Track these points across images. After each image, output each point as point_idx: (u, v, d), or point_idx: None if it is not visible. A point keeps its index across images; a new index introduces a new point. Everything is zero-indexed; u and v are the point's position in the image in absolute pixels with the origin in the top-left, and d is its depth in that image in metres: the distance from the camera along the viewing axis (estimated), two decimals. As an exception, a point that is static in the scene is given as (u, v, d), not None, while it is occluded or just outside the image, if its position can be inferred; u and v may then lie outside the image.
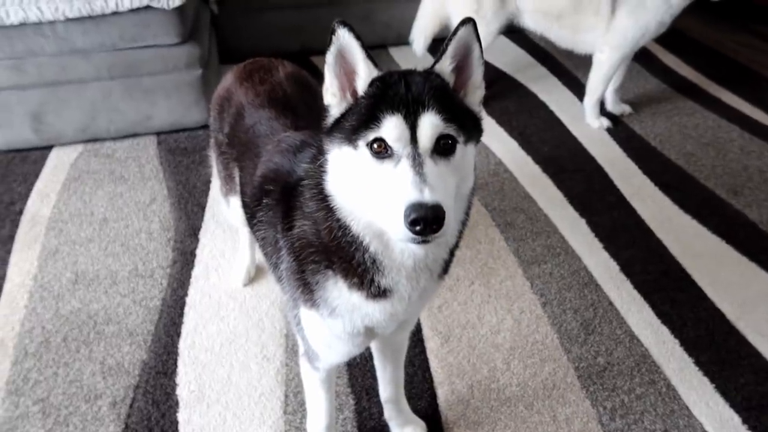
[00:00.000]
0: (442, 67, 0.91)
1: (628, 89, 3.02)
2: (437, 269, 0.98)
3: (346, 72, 0.92)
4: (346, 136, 0.87)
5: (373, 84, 0.89)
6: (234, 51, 3.31)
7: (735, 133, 2.64)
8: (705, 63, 3.32)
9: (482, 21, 2.57)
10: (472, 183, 0.94)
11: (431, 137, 0.83)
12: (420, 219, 0.77)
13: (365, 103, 0.88)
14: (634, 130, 2.69)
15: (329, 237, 0.92)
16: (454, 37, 0.89)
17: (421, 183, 0.79)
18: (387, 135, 0.83)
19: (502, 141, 2.61)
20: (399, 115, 0.83)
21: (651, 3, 2.34)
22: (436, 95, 0.85)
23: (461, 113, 0.89)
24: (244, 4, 3.21)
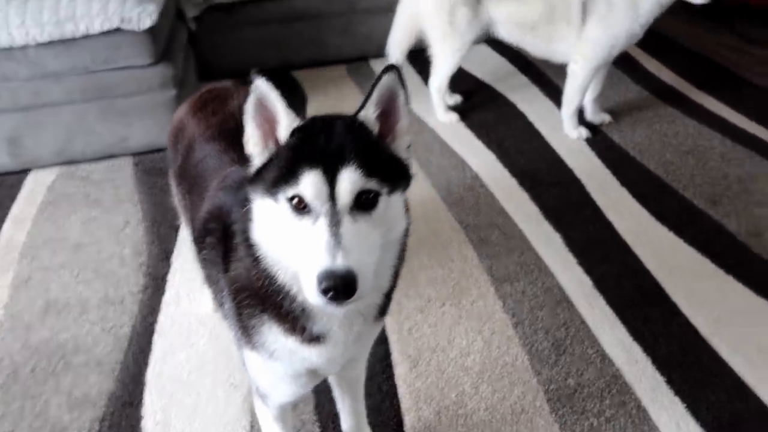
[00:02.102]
0: (367, 115, 0.89)
1: (608, 97, 3.00)
2: (371, 314, 0.97)
3: (267, 120, 0.90)
4: (267, 188, 0.85)
5: (293, 134, 0.87)
6: (213, 68, 3.31)
7: (716, 140, 2.62)
8: (687, 67, 3.30)
9: (456, 32, 2.56)
10: (403, 227, 0.92)
11: (351, 193, 0.82)
12: (330, 288, 0.76)
13: (285, 155, 0.86)
14: (613, 139, 2.67)
15: (258, 284, 0.91)
16: (378, 84, 0.88)
17: (335, 247, 0.77)
18: (305, 192, 0.81)
19: (480, 154, 2.59)
20: (317, 170, 0.81)
21: (619, 13, 2.32)
22: (357, 147, 0.84)
23: (386, 163, 0.87)
24: (222, 20, 3.19)
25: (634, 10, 2.31)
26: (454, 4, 2.50)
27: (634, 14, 2.32)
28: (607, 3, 2.32)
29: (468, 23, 2.54)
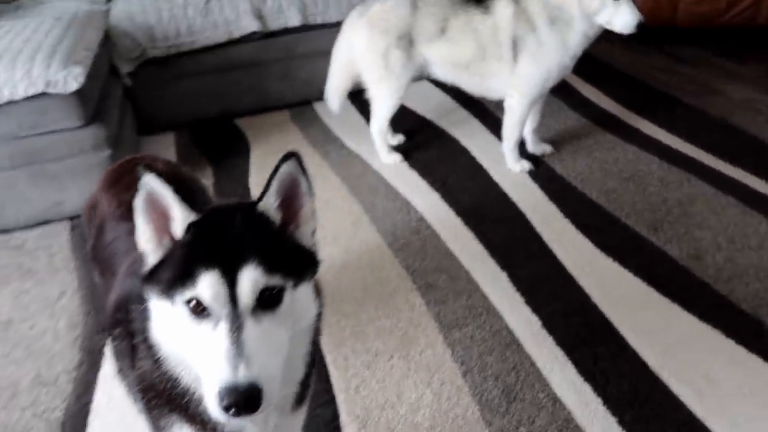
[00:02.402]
0: (267, 205, 0.86)
1: (549, 126, 3.04)
2: (288, 404, 0.92)
3: (160, 215, 0.85)
4: (163, 289, 0.80)
5: (189, 229, 0.83)
6: (153, 122, 3.26)
7: (654, 165, 2.67)
8: (623, 91, 3.38)
9: (392, 75, 2.57)
10: (313, 314, 0.89)
11: (253, 293, 0.77)
12: (232, 405, 0.71)
13: (180, 254, 0.82)
14: (555, 170, 2.70)
15: (161, 385, 0.85)
16: (277, 173, 0.85)
17: (236, 357, 0.73)
18: (203, 294, 0.77)
19: (424, 194, 2.58)
20: (215, 270, 0.77)
21: (549, 48, 2.36)
22: (258, 241, 0.81)
23: (290, 254, 0.84)
24: (158, 73, 3.15)
25: (563, 44, 2.35)
26: (387, 48, 2.51)
27: (564, 48, 2.36)
28: (537, 39, 2.36)
29: (402, 66, 2.55)
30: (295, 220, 0.88)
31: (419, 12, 2.48)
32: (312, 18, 3.24)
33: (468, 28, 2.44)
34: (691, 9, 3.79)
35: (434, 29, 2.48)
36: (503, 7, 2.40)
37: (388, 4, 2.49)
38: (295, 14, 3.20)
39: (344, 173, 2.78)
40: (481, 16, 2.43)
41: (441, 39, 2.48)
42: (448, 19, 2.46)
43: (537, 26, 2.35)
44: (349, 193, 2.63)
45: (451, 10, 2.46)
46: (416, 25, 2.48)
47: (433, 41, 2.50)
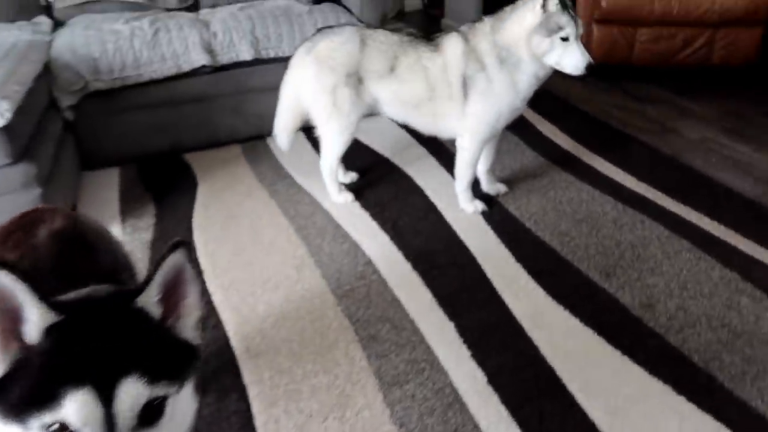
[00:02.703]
0: (147, 298, 0.75)
1: (504, 165, 2.99)
2: None
3: (8, 316, 0.70)
4: (12, 409, 0.65)
5: (50, 334, 0.69)
6: (97, 156, 3.13)
7: (608, 205, 2.62)
8: (580, 129, 3.36)
9: (340, 113, 2.49)
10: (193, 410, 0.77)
11: (134, 411, 0.66)
12: None
13: (38, 365, 0.67)
14: (508, 210, 2.63)
15: None
16: (162, 265, 0.74)
17: None
18: (70, 418, 0.64)
19: (374, 236, 2.49)
20: (87, 388, 0.64)
21: (499, 87, 2.32)
22: (137, 345, 0.69)
23: (172, 354, 0.73)
24: (102, 106, 3.02)
25: (513, 85, 2.31)
26: (335, 85, 2.43)
27: (514, 89, 2.32)
28: (487, 79, 2.31)
29: (351, 104, 2.47)
30: (176, 311, 0.77)
31: (368, 49, 2.41)
32: (264, 52, 3.16)
33: (417, 67, 2.38)
34: (647, 48, 3.82)
35: (383, 67, 2.42)
36: (453, 45, 2.35)
37: (336, 41, 2.43)
38: (247, 48, 3.12)
39: (292, 213, 2.68)
40: (431, 54, 2.37)
41: (390, 77, 2.42)
42: (397, 57, 2.40)
43: (486, 66, 2.30)
44: (296, 234, 2.52)
45: (400, 48, 2.40)
46: (365, 63, 2.42)
47: (383, 79, 2.43)
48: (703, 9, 3.62)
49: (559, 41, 2.17)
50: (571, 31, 2.15)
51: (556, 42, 2.18)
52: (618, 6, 3.73)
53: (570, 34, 2.16)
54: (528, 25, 2.19)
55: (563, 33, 2.16)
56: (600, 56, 3.92)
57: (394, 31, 2.48)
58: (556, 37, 2.17)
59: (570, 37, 2.16)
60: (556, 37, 2.17)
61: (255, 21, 3.15)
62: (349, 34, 2.42)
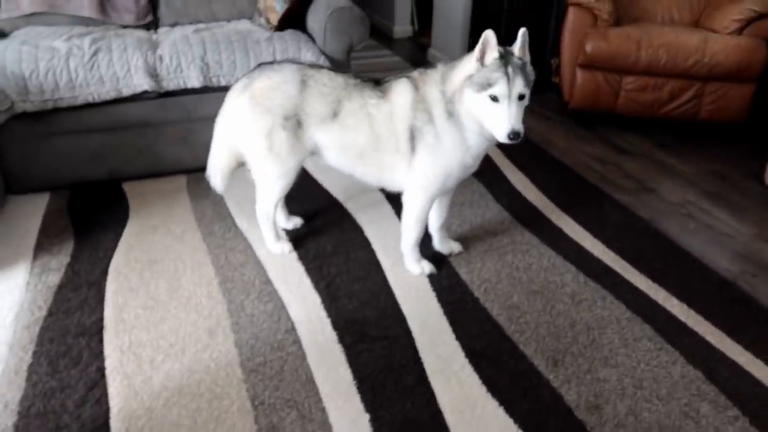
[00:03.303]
0: None
1: (465, 218, 2.75)
2: None
3: None
4: None
5: None
6: (26, 180, 2.90)
7: (569, 276, 2.37)
8: (553, 182, 3.12)
9: (276, 158, 2.25)
10: None
11: None
12: None
13: None
14: (459, 274, 2.38)
15: None
16: None
17: None
18: None
19: (305, 296, 2.24)
20: None
21: (447, 142, 2.08)
22: None
23: None
24: (32, 128, 2.79)
25: (462, 141, 2.07)
26: (271, 128, 2.20)
27: (463, 146, 2.08)
28: (435, 133, 2.08)
29: (289, 149, 2.23)
30: None
31: (309, 91, 2.18)
32: (215, 79, 2.94)
33: (362, 114, 2.15)
34: (633, 97, 3.60)
35: (325, 111, 2.18)
36: (401, 93, 2.12)
37: (274, 80, 2.19)
38: (196, 75, 2.90)
39: (222, 262, 2.43)
40: (377, 100, 2.14)
41: (332, 123, 2.19)
42: (340, 102, 2.16)
43: (434, 118, 2.06)
44: (219, 288, 2.27)
45: (344, 92, 2.17)
46: (305, 106, 2.18)
47: (324, 125, 2.20)
48: (693, 61, 3.40)
49: (488, 100, 1.92)
50: (500, 90, 1.88)
51: (485, 100, 1.92)
52: (602, 52, 3.51)
53: (499, 94, 1.88)
54: (464, 77, 1.96)
55: (492, 91, 1.90)
56: (583, 103, 3.72)
57: (340, 72, 2.24)
58: (486, 95, 1.92)
59: (499, 97, 1.90)
60: (486, 94, 1.92)
61: (207, 46, 2.92)
62: (288, 73, 2.19)
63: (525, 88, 1.91)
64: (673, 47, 3.42)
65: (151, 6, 3.42)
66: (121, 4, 3.34)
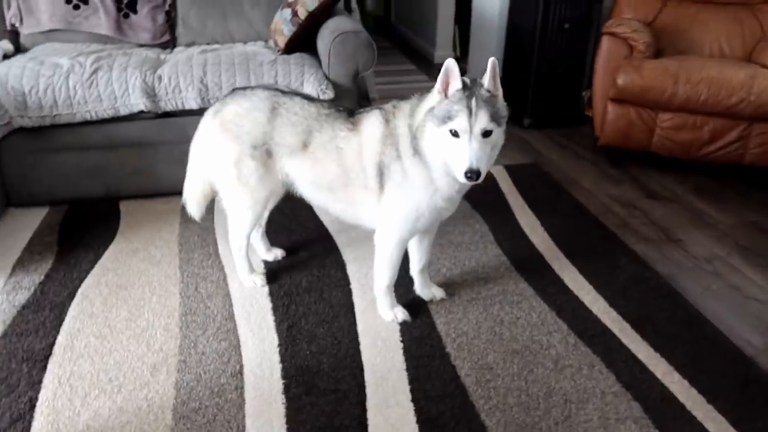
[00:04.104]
0: None
1: (458, 260, 2.54)
2: None
3: None
4: None
5: None
6: (25, 193, 2.93)
7: (558, 336, 2.12)
8: (566, 226, 2.86)
9: (245, 188, 2.14)
10: None
11: None
12: None
13: None
14: (435, 324, 2.18)
15: None
16: None
17: None
18: None
19: (262, 338, 2.09)
20: None
21: (416, 184, 1.89)
22: None
23: None
24: (31, 143, 2.81)
25: (430, 182, 1.88)
26: (239, 156, 2.09)
27: (432, 187, 1.89)
28: (402, 172, 1.90)
29: (259, 179, 2.11)
30: None
31: (279, 119, 2.06)
32: (213, 101, 2.85)
33: (331, 146, 2.00)
34: (669, 135, 3.29)
35: (295, 142, 2.05)
36: (371, 126, 1.96)
37: (243, 106, 2.09)
38: (194, 96, 2.85)
39: (190, 292, 2.33)
40: (347, 133, 1.99)
41: (303, 154, 2.05)
42: (311, 132, 2.03)
43: (401, 154, 1.89)
44: (178, 321, 2.17)
45: (316, 122, 2.03)
46: (275, 135, 2.06)
47: (294, 156, 2.07)
48: (737, 98, 3.07)
49: (449, 135, 1.72)
50: (460, 124, 1.67)
51: (446, 135, 1.72)
52: (635, 85, 3.23)
53: (459, 129, 1.68)
54: (426, 111, 1.78)
55: (452, 125, 1.70)
56: (614, 139, 3.44)
57: (314, 101, 2.10)
58: (445, 129, 1.72)
59: (460, 132, 1.70)
60: (445, 128, 1.72)
61: (208, 67, 2.87)
62: (258, 101, 2.08)
63: (490, 124, 1.70)
64: (715, 83, 3.10)
65: (168, 26, 3.43)
66: (138, 23, 3.36)
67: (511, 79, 4.30)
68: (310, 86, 2.88)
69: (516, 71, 4.20)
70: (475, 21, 4.81)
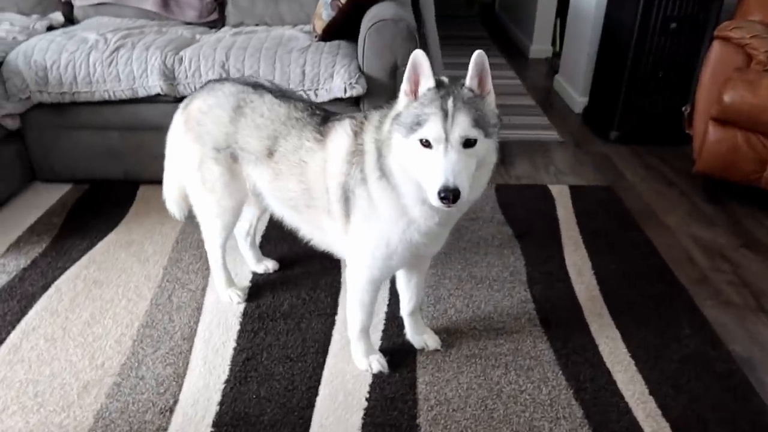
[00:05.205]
0: None
1: (474, 300, 2.12)
2: None
3: None
4: None
5: None
6: (48, 170, 2.88)
7: (565, 426, 1.65)
8: (623, 272, 2.33)
9: (211, 195, 1.86)
10: None
11: None
12: None
13: None
14: (416, 383, 1.79)
15: None
16: None
17: None
18: None
19: (212, 368, 1.82)
20: None
21: (383, 210, 1.50)
22: None
23: None
24: (53, 119, 2.73)
25: (402, 212, 1.48)
26: (201, 159, 1.81)
27: (403, 218, 1.49)
28: (368, 198, 1.52)
29: (224, 186, 1.83)
30: None
31: (243, 120, 1.74)
32: (235, 89, 2.63)
33: (295, 158, 1.66)
34: (786, 170, 2.60)
35: (259, 148, 1.72)
36: (338, 138, 1.59)
37: (207, 102, 1.79)
38: (215, 81, 2.61)
39: (162, 299, 2.12)
40: (313, 144, 1.63)
41: (266, 163, 1.73)
42: (277, 139, 1.70)
43: (367, 176, 1.50)
44: (135, 334, 1.95)
45: (283, 127, 1.69)
46: (238, 138, 1.75)
47: (259, 164, 1.75)
48: None
49: (418, 146, 1.31)
50: (432, 130, 1.27)
51: (415, 146, 1.31)
52: (745, 104, 2.57)
53: (431, 136, 1.27)
54: (392, 119, 1.38)
55: (422, 132, 1.29)
56: (712, 167, 2.82)
57: (288, 100, 1.74)
58: (415, 139, 1.31)
59: (432, 141, 1.28)
60: (414, 138, 1.31)
61: (232, 51, 2.63)
62: (222, 97, 1.77)
63: (472, 130, 1.28)
64: None
65: (216, 4, 3.24)
66: (185, 0, 3.19)
67: (602, 82, 3.70)
68: (339, 78, 2.55)
69: (607, 74, 3.59)
70: (572, 12, 4.20)
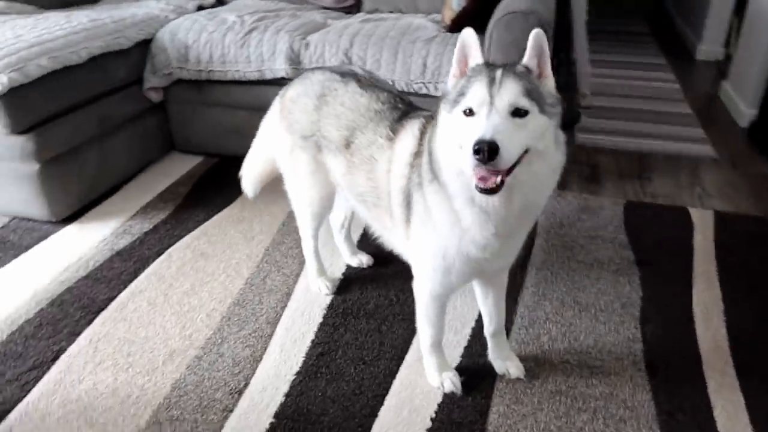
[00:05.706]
0: None
1: (572, 330, 1.93)
2: None
3: None
4: None
5: None
6: (186, 142, 3.12)
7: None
8: (761, 319, 1.98)
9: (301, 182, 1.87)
10: None
11: None
12: None
13: None
14: (489, 411, 1.65)
15: None
16: None
17: None
18: None
19: (286, 358, 1.82)
20: None
21: (437, 216, 1.38)
22: None
23: None
24: (191, 95, 2.92)
25: (455, 219, 1.33)
26: (292, 147, 1.81)
27: (456, 226, 1.34)
28: (424, 203, 1.40)
29: (311, 174, 1.80)
30: None
31: (326, 108, 1.69)
32: (357, 75, 2.61)
33: (367, 153, 1.59)
34: None
35: (338, 138, 1.67)
36: (406, 138, 1.49)
37: (297, 91, 1.78)
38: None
39: (257, 280, 2.18)
40: (384, 141, 1.54)
41: (344, 154, 1.67)
42: (354, 130, 1.63)
43: (423, 179, 1.39)
44: (225, 311, 2.02)
45: (362, 119, 1.61)
46: (321, 126, 1.71)
47: (337, 154, 1.69)
48: None
49: (462, 117, 1.19)
50: (475, 96, 1.16)
51: (459, 119, 1.20)
52: None
53: (474, 102, 1.16)
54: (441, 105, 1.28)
55: (465, 102, 1.18)
56: None
57: (372, 89, 1.66)
58: (458, 111, 1.20)
59: (474, 108, 1.16)
60: (458, 110, 1.20)
61: (357, 39, 2.61)
62: (310, 84, 1.75)
63: (523, 99, 1.15)
64: None
65: (354, -10, 3.24)
66: (324, -16, 3.23)
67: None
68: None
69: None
70: (752, 9, 3.64)
